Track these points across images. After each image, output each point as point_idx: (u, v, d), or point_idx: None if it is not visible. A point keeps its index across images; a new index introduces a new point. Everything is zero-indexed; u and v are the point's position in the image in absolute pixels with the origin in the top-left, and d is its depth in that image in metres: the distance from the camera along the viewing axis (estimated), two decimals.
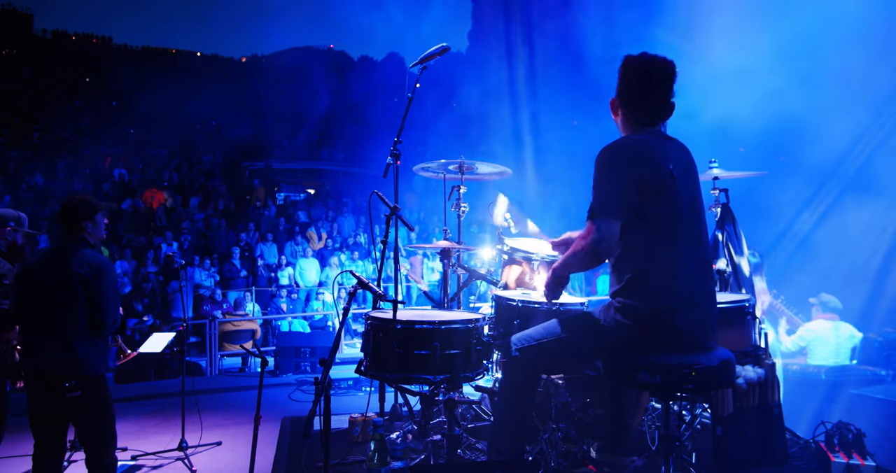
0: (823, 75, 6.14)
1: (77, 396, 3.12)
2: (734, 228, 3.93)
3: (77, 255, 3.20)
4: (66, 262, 3.17)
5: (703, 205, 2.45)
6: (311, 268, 11.42)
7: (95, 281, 3.17)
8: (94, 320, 3.19)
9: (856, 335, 5.50)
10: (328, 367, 2.36)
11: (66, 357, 3.12)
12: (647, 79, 2.35)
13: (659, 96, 2.36)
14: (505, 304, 3.12)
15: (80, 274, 3.15)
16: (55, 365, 3.11)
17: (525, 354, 2.52)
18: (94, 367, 3.19)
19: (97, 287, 3.18)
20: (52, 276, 3.16)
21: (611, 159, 2.26)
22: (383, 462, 2.34)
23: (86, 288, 3.16)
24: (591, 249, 2.23)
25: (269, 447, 4.09)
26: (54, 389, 3.10)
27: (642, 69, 2.35)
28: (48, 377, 3.11)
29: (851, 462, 3.21)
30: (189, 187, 15.04)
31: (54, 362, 3.10)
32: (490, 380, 3.69)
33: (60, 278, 3.15)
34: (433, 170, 4.17)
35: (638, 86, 2.37)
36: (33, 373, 3.16)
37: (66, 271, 3.15)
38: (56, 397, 3.10)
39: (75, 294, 3.14)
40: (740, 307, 3.17)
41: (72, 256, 3.20)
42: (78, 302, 3.15)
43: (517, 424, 2.63)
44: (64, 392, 3.09)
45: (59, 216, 3.34)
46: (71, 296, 3.14)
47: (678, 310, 2.23)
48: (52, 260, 3.21)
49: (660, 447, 2.35)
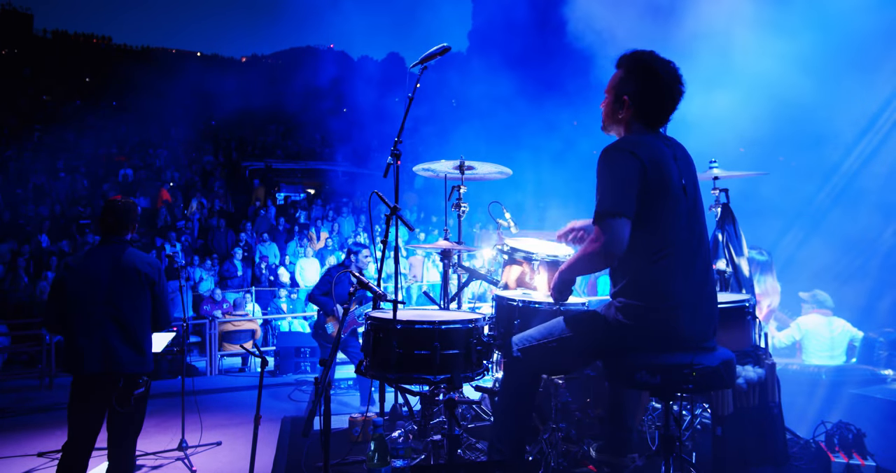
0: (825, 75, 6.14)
1: (142, 393, 3.21)
2: (734, 228, 3.93)
3: (134, 255, 3.27)
4: (126, 261, 3.22)
5: (704, 205, 2.45)
6: (311, 268, 11.42)
7: (160, 281, 3.29)
8: (157, 319, 3.31)
9: (852, 331, 5.50)
10: (328, 367, 2.36)
11: (139, 356, 3.19)
12: (668, 82, 2.31)
13: (674, 100, 2.34)
14: (505, 304, 3.12)
15: (148, 275, 3.23)
16: (128, 365, 3.15)
17: (526, 354, 2.52)
18: (153, 363, 3.32)
19: (160, 286, 3.29)
20: (116, 276, 3.19)
21: (616, 159, 2.23)
22: (383, 462, 2.34)
23: (151, 287, 3.25)
24: (604, 251, 2.17)
25: (269, 447, 4.09)
26: (128, 388, 3.15)
27: (662, 71, 2.30)
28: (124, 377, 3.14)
29: (851, 462, 3.21)
30: (189, 187, 15.04)
31: (126, 361, 3.14)
32: (490, 380, 3.69)
33: (125, 277, 3.20)
34: (433, 170, 4.17)
35: (658, 88, 2.31)
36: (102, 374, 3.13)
37: (130, 270, 3.21)
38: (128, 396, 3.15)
39: (143, 292, 3.22)
40: (740, 307, 3.17)
41: (132, 257, 3.26)
42: (144, 301, 3.24)
43: (517, 424, 2.62)
44: (135, 389, 3.16)
45: (109, 216, 3.34)
46: (138, 295, 3.21)
47: (679, 311, 2.23)
48: (105, 259, 3.23)
49: (660, 447, 2.35)
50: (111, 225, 3.32)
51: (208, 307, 9.73)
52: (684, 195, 2.29)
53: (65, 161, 16.10)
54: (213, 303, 9.79)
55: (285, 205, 15.68)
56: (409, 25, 25.61)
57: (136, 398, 3.18)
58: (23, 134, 18.44)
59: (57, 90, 26.04)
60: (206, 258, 11.16)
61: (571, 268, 2.36)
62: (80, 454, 3.17)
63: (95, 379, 3.14)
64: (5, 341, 8.68)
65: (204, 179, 15.98)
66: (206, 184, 15.59)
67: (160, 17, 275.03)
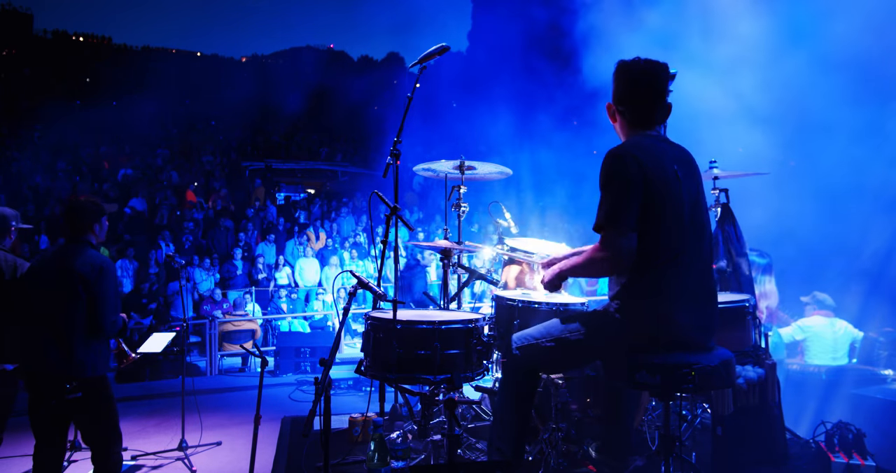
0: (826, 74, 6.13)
1: (78, 397, 3.11)
2: (734, 228, 3.93)
3: (81, 256, 3.19)
4: (70, 263, 3.16)
5: (706, 205, 2.45)
6: (310, 268, 11.42)
7: (96, 281, 3.15)
8: (93, 321, 3.17)
9: (853, 332, 5.50)
10: (328, 367, 2.36)
11: (66, 358, 3.10)
12: (644, 80, 2.36)
13: (656, 97, 2.36)
14: (505, 304, 3.12)
15: (82, 274, 3.13)
16: (55, 367, 3.10)
17: (525, 353, 2.53)
18: (93, 368, 3.17)
19: (98, 287, 3.16)
20: (53, 277, 3.15)
21: (618, 165, 2.23)
22: (383, 462, 2.34)
23: (86, 288, 3.14)
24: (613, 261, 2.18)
25: (269, 447, 4.09)
26: (55, 390, 3.09)
27: (638, 71, 2.36)
28: (49, 378, 3.11)
29: (851, 462, 3.21)
30: (189, 187, 15.04)
31: (54, 363, 3.09)
32: (490, 380, 3.69)
33: (62, 278, 3.14)
34: (433, 170, 4.17)
35: (635, 89, 2.37)
36: (33, 374, 3.15)
37: (68, 271, 3.14)
38: (57, 398, 3.09)
39: (76, 294, 3.13)
40: (740, 307, 3.17)
41: (75, 257, 3.19)
42: (77, 303, 3.13)
43: (517, 424, 2.62)
44: (64, 393, 3.08)
45: (66, 216, 3.31)
46: (71, 297, 3.12)
47: (679, 311, 2.23)
48: (55, 260, 3.21)
49: (660, 447, 2.35)
50: (68, 225, 3.30)
51: (208, 307, 9.73)
52: (685, 197, 2.29)
53: (65, 161, 16.10)
54: (213, 303, 9.79)
55: (285, 205, 15.67)
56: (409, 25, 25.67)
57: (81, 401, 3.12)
58: (23, 134, 18.44)
59: (57, 90, 26.04)
60: (205, 258, 11.16)
61: (574, 270, 2.38)
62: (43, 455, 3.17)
63: (31, 379, 3.16)
64: None
65: (204, 179, 15.98)
66: (206, 184, 15.58)
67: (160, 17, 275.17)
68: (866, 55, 5.96)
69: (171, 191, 14.09)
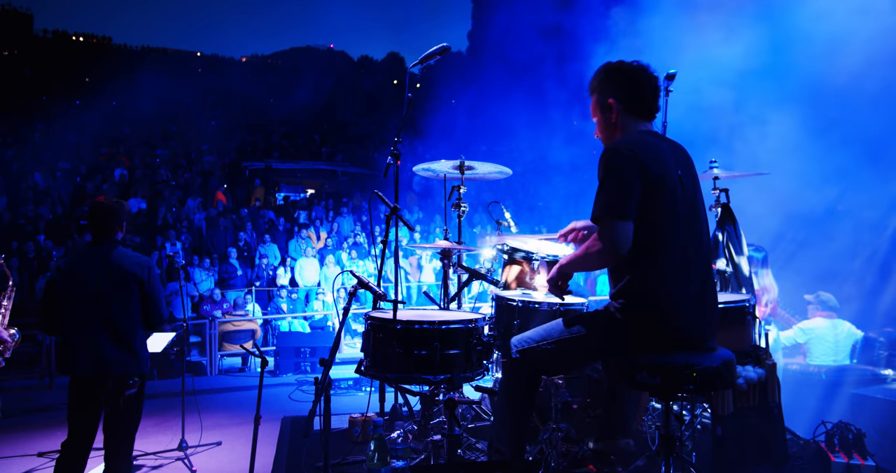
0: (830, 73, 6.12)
1: (134, 393, 3.21)
2: (734, 228, 3.92)
3: (123, 255, 3.28)
4: (115, 262, 3.24)
5: (704, 204, 2.45)
6: (310, 268, 11.42)
7: (149, 280, 3.29)
8: (149, 318, 3.32)
9: (855, 332, 5.49)
10: (328, 367, 2.36)
11: (128, 357, 3.20)
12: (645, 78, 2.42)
13: (652, 85, 2.43)
14: (505, 304, 3.12)
15: (136, 274, 3.24)
16: (118, 365, 3.17)
17: (525, 356, 2.52)
18: (148, 363, 3.33)
19: (151, 285, 3.29)
20: (104, 276, 3.21)
21: (618, 159, 2.25)
22: (383, 462, 2.34)
23: (141, 286, 3.26)
24: (609, 250, 2.20)
25: (269, 447, 4.09)
26: (118, 389, 3.16)
27: (637, 70, 2.43)
28: (113, 378, 3.16)
29: (851, 462, 3.21)
30: (189, 187, 15.04)
31: (116, 362, 3.16)
32: (490, 380, 3.69)
33: (116, 278, 3.21)
34: (433, 170, 4.17)
35: (636, 86, 2.42)
36: (93, 375, 3.16)
37: (118, 270, 3.22)
38: (117, 396, 3.16)
39: (132, 293, 3.23)
40: (740, 307, 3.17)
41: (120, 256, 3.27)
42: (133, 301, 3.25)
43: (517, 424, 2.62)
44: (126, 389, 3.17)
45: (96, 216, 3.36)
46: (127, 295, 3.22)
47: (678, 311, 2.23)
48: (95, 261, 3.25)
49: (660, 447, 2.35)
50: (98, 226, 3.35)
51: (208, 307, 9.73)
52: (684, 195, 2.29)
53: (65, 161, 16.10)
54: (213, 303, 9.79)
55: (285, 205, 15.67)
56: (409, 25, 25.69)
57: (126, 398, 3.18)
58: (23, 134, 18.44)
59: (57, 90, 26.04)
60: (205, 258, 11.16)
61: (572, 264, 2.38)
62: (77, 452, 3.19)
63: (87, 380, 3.17)
64: None
65: (204, 179, 15.98)
66: (206, 184, 15.58)
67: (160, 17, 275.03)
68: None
69: (170, 191, 14.09)
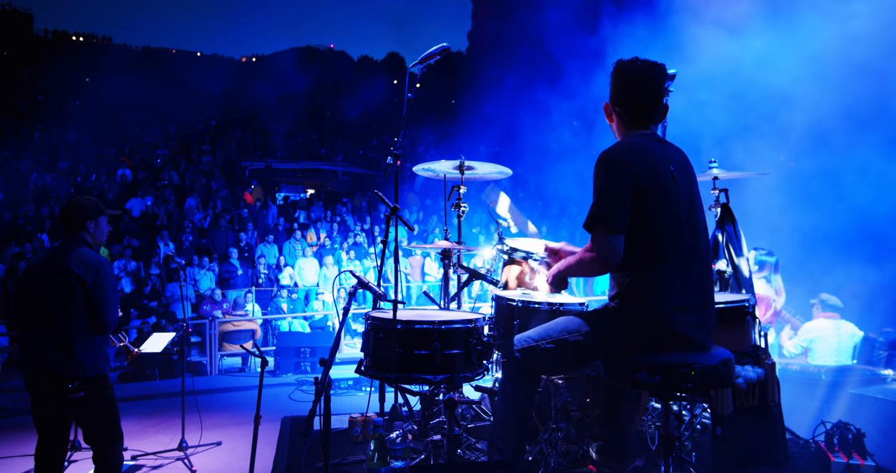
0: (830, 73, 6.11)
1: (80, 397, 3.11)
2: (734, 229, 3.93)
3: (75, 255, 3.17)
4: (64, 262, 3.15)
5: (702, 205, 2.46)
6: (310, 268, 11.42)
7: (94, 282, 3.15)
8: (93, 321, 3.17)
9: (857, 333, 5.49)
10: (328, 367, 2.36)
11: (66, 358, 3.10)
12: (641, 81, 2.38)
13: (652, 98, 2.38)
14: (505, 304, 3.12)
15: (78, 274, 3.12)
16: (56, 367, 3.09)
17: (525, 355, 2.53)
18: (93, 368, 3.17)
19: (96, 287, 3.15)
20: (49, 276, 3.14)
21: (610, 167, 2.26)
22: (383, 462, 2.34)
23: (84, 288, 3.13)
24: (600, 261, 2.25)
25: (269, 447, 4.09)
26: (57, 390, 3.09)
27: (634, 72, 2.38)
28: (50, 378, 3.10)
29: (851, 462, 3.21)
30: (189, 187, 15.04)
31: (54, 363, 3.09)
32: (490, 380, 3.69)
33: (58, 278, 3.12)
34: (433, 170, 4.17)
35: (631, 90, 2.39)
36: (35, 375, 3.15)
37: (63, 271, 3.12)
38: (59, 398, 3.09)
39: (73, 294, 3.11)
40: (740, 307, 3.17)
41: (70, 256, 3.17)
42: (76, 303, 3.12)
43: (517, 424, 2.63)
44: (66, 393, 3.08)
45: (61, 214, 3.33)
46: (69, 297, 3.11)
47: (677, 311, 2.23)
48: (50, 260, 3.20)
49: (660, 447, 2.35)
50: (64, 224, 3.31)
51: (208, 307, 9.73)
52: (679, 196, 2.30)
53: (65, 161, 16.10)
54: (213, 303, 9.79)
55: (285, 205, 15.67)
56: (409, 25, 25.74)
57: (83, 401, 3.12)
58: (23, 134, 18.44)
59: (57, 90, 26.02)
60: (205, 258, 11.16)
61: (568, 269, 2.44)
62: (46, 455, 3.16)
63: (33, 380, 3.15)
64: (5, 341, 8.68)
65: (204, 179, 15.98)
66: (205, 184, 15.58)
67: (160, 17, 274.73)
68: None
69: (170, 191, 14.10)
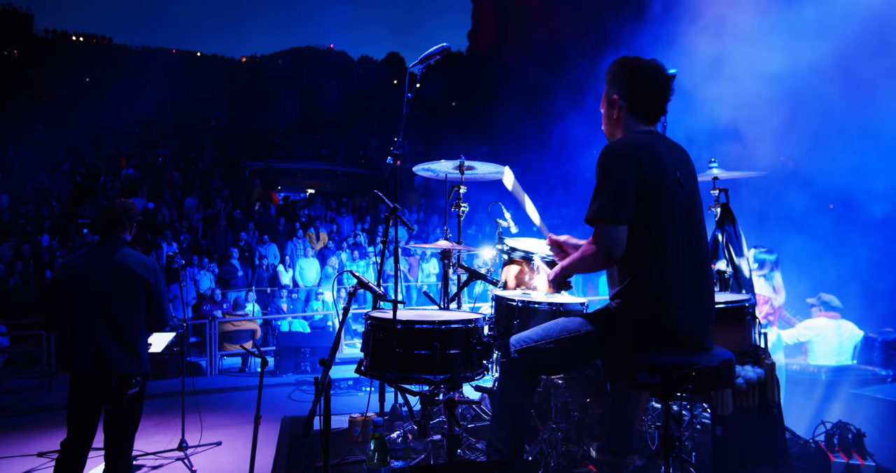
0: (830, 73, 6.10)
1: (136, 393, 3.21)
2: (734, 229, 3.93)
3: (130, 256, 3.28)
4: (122, 262, 3.23)
5: (703, 205, 2.46)
6: (310, 268, 11.42)
7: (156, 282, 3.29)
8: (155, 319, 3.32)
9: (858, 333, 5.49)
10: (328, 367, 2.35)
11: (131, 356, 3.19)
12: (656, 77, 2.40)
13: (662, 89, 2.41)
14: (505, 304, 3.12)
15: (142, 276, 3.24)
16: (121, 365, 3.16)
17: (524, 355, 2.52)
18: (147, 364, 3.31)
19: (157, 288, 3.29)
20: (107, 276, 3.20)
21: (614, 161, 2.26)
22: (383, 462, 2.34)
23: (148, 289, 3.25)
24: (603, 254, 2.23)
25: (269, 447, 4.09)
26: (121, 388, 3.15)
27: (645, 65, 2.40)
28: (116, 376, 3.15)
29: (851, 462, 3.21)
30: (189, 187, 15.04)
31: (119, 362, 3.15)
32: (490, 380, 3.69)
33: (120, 277, 3.20)
34: (433, 170, 4.17)
35: (645, 80, 2.40)
36: (91, 374, 3.15)
37: (125, 271, 3.21)
38: (120, 395, 3.15)
39: (138, 294, 3.22)
40: (740, 307, 3.17)
41: (127, 256, 3.26)
42: (140, 302, 3.24)
43: (516, 424, 2.62)
44: (126, 390, 3.16)
45: (108, 214, 3.37)
46: (133, 296, 3.22)
47: (677, 311, 2.23)
48: (104, 259, 3.24)
49: (660, 447, 2.35)
50: (107, 224, 3.35)
51: (208, 307, 9.73)
52: (682, 195, 2.30)
53: (65, 161, 16.10)
54: (213, 303, 9.79)
55: (285, 205, 15.68)
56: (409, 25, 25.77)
57: (128, 398, 3.18)
58: (23, 134, 18.44)
59: (57, 90, 26.03)
60: (204, 258, 11.16)
61: (571, 267, 2.42)
62: (76, 451, 3.18)
63: (88, 379, 3.16)
64: (5, 341, 8.68)
65: (204, 179, 15.98)
66: (205, 184, 15.59)
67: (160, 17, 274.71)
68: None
69: (169, 191, 14.10)
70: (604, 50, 7.34)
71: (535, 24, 16.63)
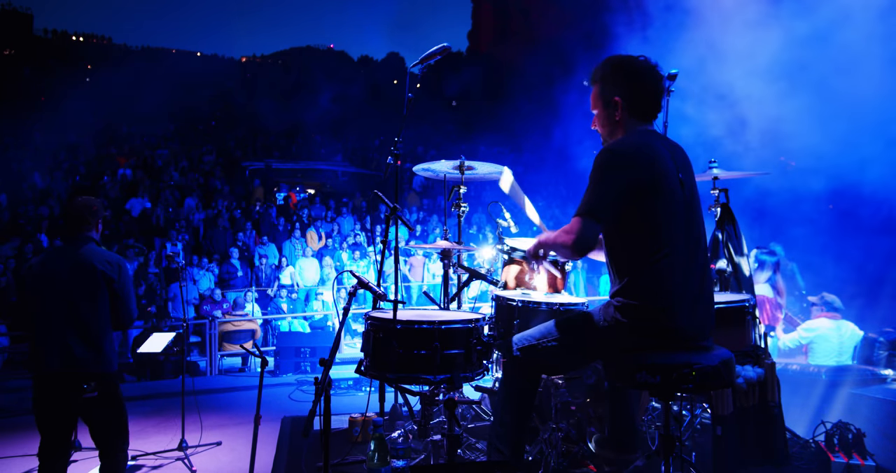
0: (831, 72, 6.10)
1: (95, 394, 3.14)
2: (734, 228, 3.93)
3: (94, 253, 3.24)
4: (86, 260, 3.19)
5: (702, 204, 2.46)
6: (310, 268, 11.42)
7: (119, 278, 3.24)
8: (118, 316, 3.26)
9: (858, 333, 5.48)
10: (328, 367, 2.35)
11: (93, 354, 3.14)
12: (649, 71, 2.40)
13: (658, 87, 2.42)
14: (505, 304, 3.12)
15: (105, 272, 3.20)
16: (81, 364, 3.11)
17: (526, 354, 2.53)
18: (113, 363, 3.25)
19: (120, 284, 3.25)
20: (72, 275, 3.17)
21: (611, 162, 2.26)
22: (383, 462, 2.34)
23: (110, 285, 3.21)
24: (573, 246, 2.24)
25: (269, 447, 4.09)
26: (77, 387, 3.10)
27: (640, 63, 2.40)
28: (72, 375, 3.11)
29: (851, 462, 3.21)
30: (189, 187, 15.04)
31: (80, 360, 3.11)
32: (490, 380, 3.69)
33: (83, 276, 3.17)
34: (433, 171, 4.17)
35: (641, 79, 2.39)
36: (56, 373, 3.12)
37: (88, 269, 3.18)
38: (77, 395, 3.10)
39: (101, 291, 3.19)
40: (740, 307, 3.17)
41: (90, 254, 3.22)
42: (103, 300, 3.20)
43: (517, 424, 2.62)
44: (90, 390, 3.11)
45: (70, 212, 3.34)
46: (96, 294, 3.18)
47: (677, 310, 2.23)
48: (64, 258, 3.21)
49: (660, 447, 2.35)
50: (69, 223, 3.32)
51: (208, 307, 9.73)
52: (682, 195, 2.30)
53: (65, 161, 16.10)
54: (213, 303, 9.79)
55: (285, 205, 15.68)
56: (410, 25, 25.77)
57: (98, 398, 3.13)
58: (23, 134, 18.44)
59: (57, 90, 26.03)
60: (204, 258, 11.16)
61: (545, 244, 2.44)
62: (54, 456, 3.14)
63: (53, 378, 3.12)
64: (5, 341, 8.68)
65: (204, 179, 15.98)
66: (206, 184, 15.58)
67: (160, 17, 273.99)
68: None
69: (170, 191, 14.09)
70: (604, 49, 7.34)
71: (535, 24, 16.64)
